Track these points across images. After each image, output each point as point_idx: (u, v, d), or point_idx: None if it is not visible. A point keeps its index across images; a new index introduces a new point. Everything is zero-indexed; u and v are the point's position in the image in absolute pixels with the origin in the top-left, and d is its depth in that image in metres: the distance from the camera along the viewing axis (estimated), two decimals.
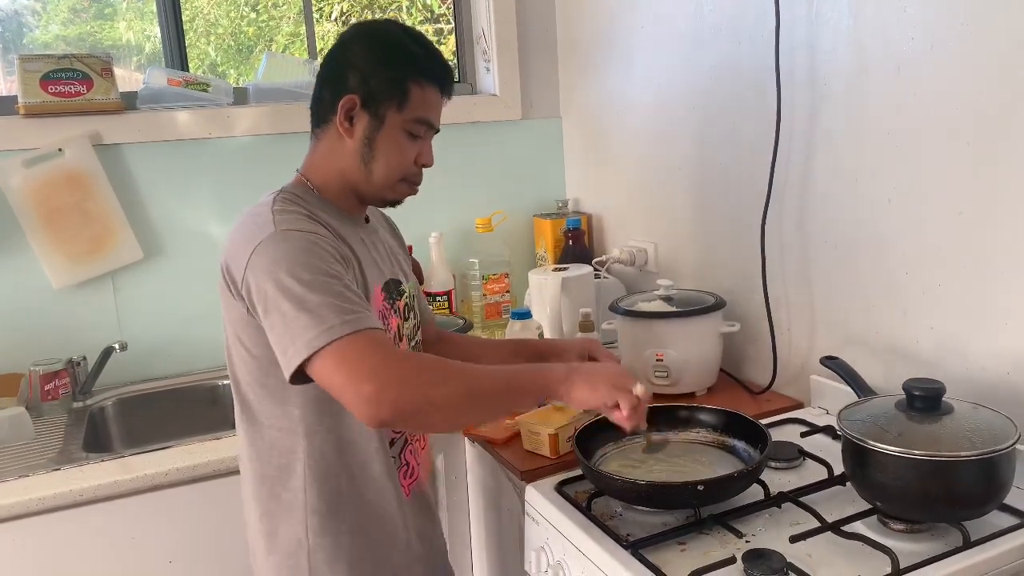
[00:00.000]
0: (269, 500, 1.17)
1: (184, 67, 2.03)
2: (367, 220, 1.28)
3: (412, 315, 1.30)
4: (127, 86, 1.93)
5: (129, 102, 1.90)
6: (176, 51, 2.03)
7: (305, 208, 1.13)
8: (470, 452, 1.64)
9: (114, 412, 1.86)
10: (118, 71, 1.87)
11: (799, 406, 1.57)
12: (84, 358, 1.85)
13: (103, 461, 1.50)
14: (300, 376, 1.02)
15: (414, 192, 1.24)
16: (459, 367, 1.07)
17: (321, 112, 1.19)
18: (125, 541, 1.45)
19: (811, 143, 1.48)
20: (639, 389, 1.10)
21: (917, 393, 1.08)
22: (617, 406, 1.09)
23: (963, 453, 1.00)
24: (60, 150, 1.81)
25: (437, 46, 1.22)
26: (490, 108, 2.24)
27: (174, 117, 1.91)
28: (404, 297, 1.27)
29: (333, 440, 1.16)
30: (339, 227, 1.15)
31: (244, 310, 1.10)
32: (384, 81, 1.14)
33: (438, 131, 1.23)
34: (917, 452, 1.01)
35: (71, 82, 1.77)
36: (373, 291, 1.17)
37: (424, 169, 1.22)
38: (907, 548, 1.03)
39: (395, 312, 1.23)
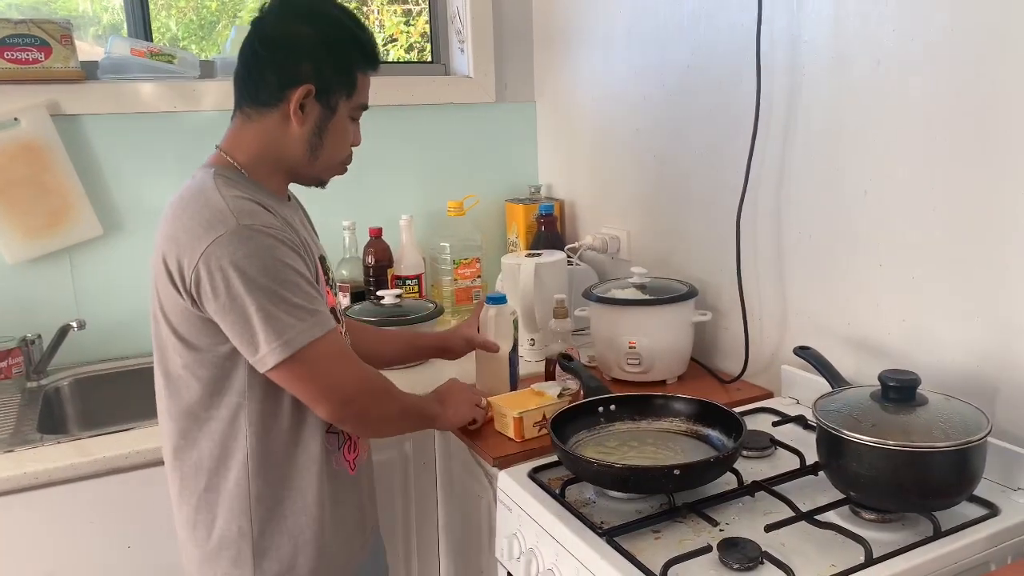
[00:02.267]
0: (207, 491, 1.15)
1: (148, 37, 1.96)
2: (289, 198, 1.27)
3: (336, 286, 1.37)
4: (85, 58, 1.86)
5: (89, 72, 1.83)
6: (140, 20, 1.95)
7: (246, 193, 1.11)
8: (439, 438, 1.61)
9: (70, 392, 1.80)
10: (87, 46, 1.79)
11: (769, 396, 1.58)
12: (39, 336, 1.78)
13: (59, 443, 1.45)
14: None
15: (344, 171, 1.27)
16: (395, 388, 1.23)
17: (260, 94, 1.15)
18: (82, 526, 1.40)
19: (788, 133, 1.48)
20: (483, 403, 1.42)
21: (892, 384, 1.08)
22: (473, 420, 1.39)
23: (937, 444, 1.01)
24: (16, 119, 1.73)
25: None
26: (463, 90, 2.21)
27: (137, 89, 1.84)
28: (329, 273, 1.28)
29: (274, 427, 1.14)
30: (278, 210, 1.14)
31: (188, 304, 1.07)
32: (337, 71, 1.16)
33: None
34: (891, 442, 1.02)
35: (28, 48, 1.70)
36: (318, 272, 1.18)
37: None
38: (879, 537, 1.03)
39: (331, 288, 1.26)
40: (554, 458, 1.27)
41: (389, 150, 2.13)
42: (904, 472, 1.02)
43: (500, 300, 1.55)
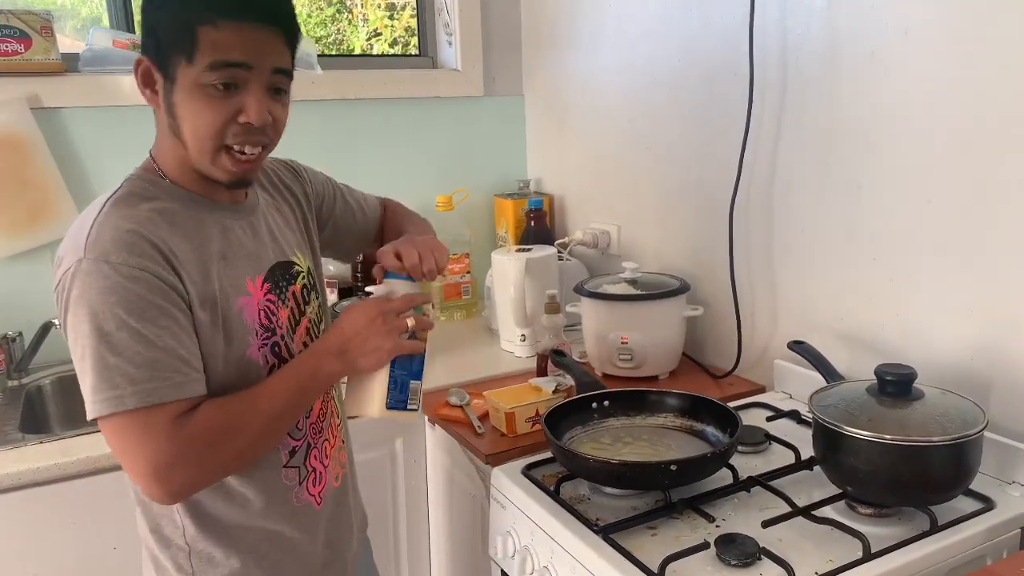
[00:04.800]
0: (152, 525, 1.05)
1: (131, 29, 1.92)
2: (246, 196, 1.08)
3: (314, 296, 1.15)
4: (65, 51, 1.82)
5: (70, 65, 1.79)
6: (122, 11, 1.92)
7: (147, 206, 0.95)
8: (430, 436, 1.60)
9: (52, 391, 1.77)
10: (69, 40, 1.75)
11: (761, 390, 1.57)
12: (20, 334, 1.75)
13: (42, 443, 1.42)
14: None
15: (239, 165, 0.98)
16: (238, 411, 0.97)
17: None
18: (66, 527, 1.37)
19: (781, 126, 1.47)
20: (411, 323, 1.07)
21: (889, 378, 1.08)
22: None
23: (934, 438, 1.00)
24: None
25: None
26: (451, 83, 2.19)
27: (120, 81, 1.81)
28: (300, 279, 1.11)
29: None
30: (195, 220, 0.99)
31: None
32: (168, 30, 0.93)
33: (283, 72, 0.97)
34: (888, 437, 1.02)
35: (7, 40, 1.66)
36: (247, 286, 1.02)
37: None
38: (877, 532, 1.03)
39: (284, 302, 1.07)
40: (548, 454, 1.26)
41: (376, 144, 2.11)
42: (901, 466, 1.02)
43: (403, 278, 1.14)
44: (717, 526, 1.07)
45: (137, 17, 1.99)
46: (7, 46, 1.66)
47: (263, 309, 1.04)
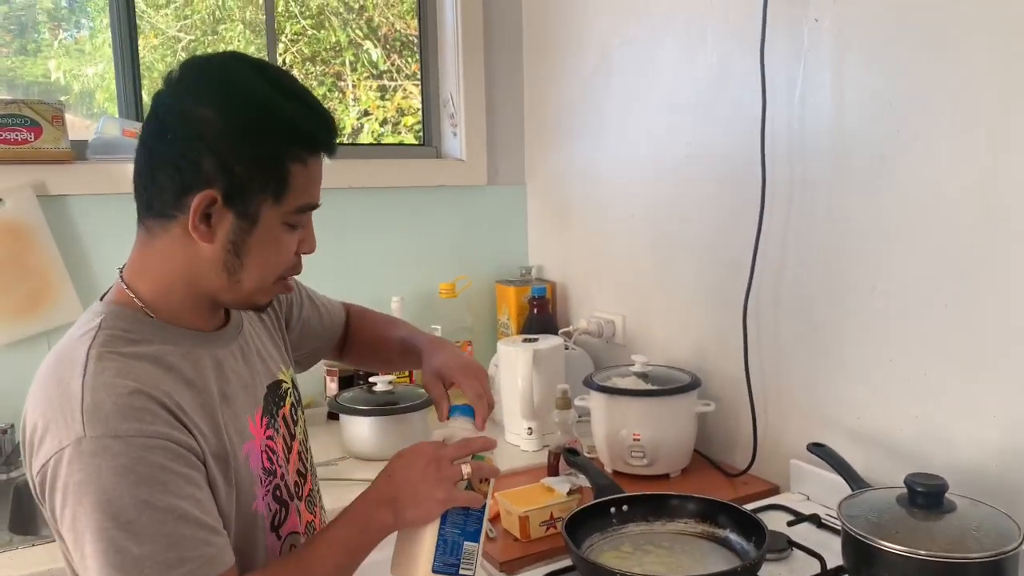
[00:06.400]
0: None
1: (139, 117, 1.93)
2: (228, 319, 0.99)
3: (300, 412, 1.09)
4: (76, 134, 1.82)
5: (79, 151, 1.79)
6: (131, 99, 1.93)
7: (134, 351, 0.84)
8: None
9: None
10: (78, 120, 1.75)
11: (776, 490, 1.54)
12: (11, 425, 1.69)
13: (33, 545, 1.35)
14: None
15: (289, 290, 0.98)
16: (290, 565, 0.90)
17: (155, 202, 0.87)
18: None
19: (792, 226, 1.49)
20: (466, 470, 0.96)
21: (920, 489, 1.06)
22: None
23: (972, 555, 0.98)
24: (0, 200, 1.68)
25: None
26: (456, 173, 2.21)
27: (126, 169, 1.77)
28: (288, 397, 1.05)
29: None
30: (189, 360, 0.89)
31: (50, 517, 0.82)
32: (253, 165, 0.84)
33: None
34: (923, 552, 0.99)
35: (18, 128, 1.65)
36: (250, 428, 0.94)
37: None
38: None
39: (277, 431, 1.00)
40: (565, 562, 1.21)
41: (380, 231, 2.11)
42: None
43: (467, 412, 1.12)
44: None
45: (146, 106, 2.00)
46: (17, 135, 1.66)
47: (265, 450, 0.95)
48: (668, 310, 1.82)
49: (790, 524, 1.34)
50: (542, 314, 2.12)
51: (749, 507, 1.39)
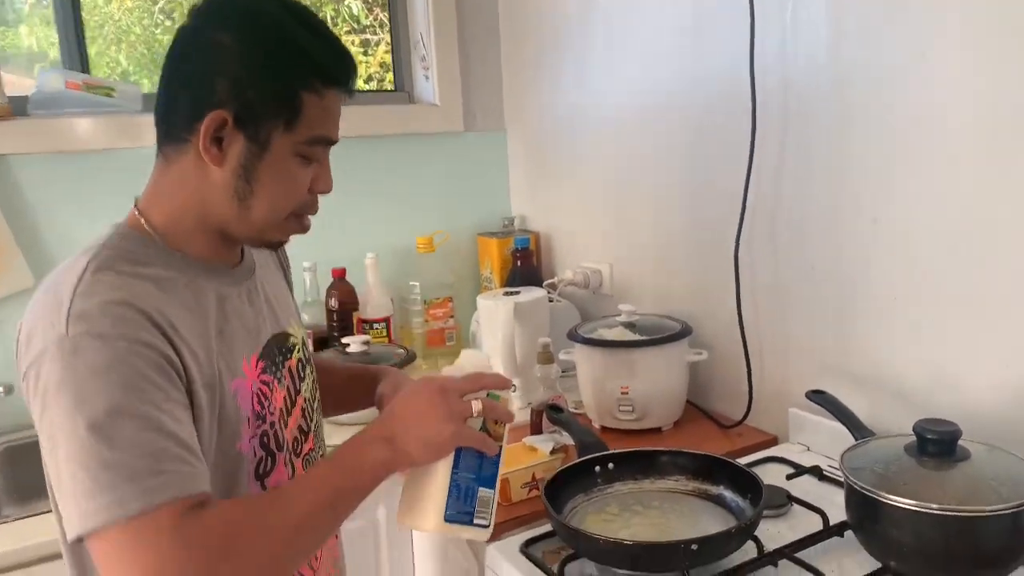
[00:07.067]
0: None
1: (85, 69, 1.80)
2: (242, 255, 0.97)
3: (309, 371, 1.03)
4: (16, 92, 1.70)
5: (19, 107, 1.67)
6: (75, 51, 1.80)
7: (137, 271, 0.83)
8: None
9: (1, 463, 1.61)
10: (17, 79, 1.63)
11: (774, 441, 1.46)
12: None
13: (28, 517, 1.27)
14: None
15: (304, 229, 0.95)
16: (262, 510, 0.81)
17: (172, 127, 0.87)
18: None
19: (786, 158, 1.37)
20: (477, 407, 0.88)
21: (930, 436, 0.96)
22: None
23: (990, 507, 0.89)
24: None
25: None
26: (430, 118, 2.08)
27: (72, 125, 1.68)
28: (296, 352, 0.99)
29: None
30: (192, 289, 0.86)
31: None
32: (268, 92, 0.84)
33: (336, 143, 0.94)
34: (936, 506, 0.90)
35: None
36: (243, 366, 0.89)
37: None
38: None
39: (280, 381, 0.95)
40: (549, 526, 1.13)
41: (351, 184, 1.97)
42: (955, 540, 0.90)
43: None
44: None
45: (104, 60, 1.87)
46: None
47: (256, 393, 0.90)
48: (657, 257, 1.72)
49: (789, 477, 1.25)
50: (526, 266, 2.02)
51: (746, 460, 1.31)
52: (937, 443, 0.96)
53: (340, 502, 0.84)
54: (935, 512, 0.90)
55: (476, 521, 0.88)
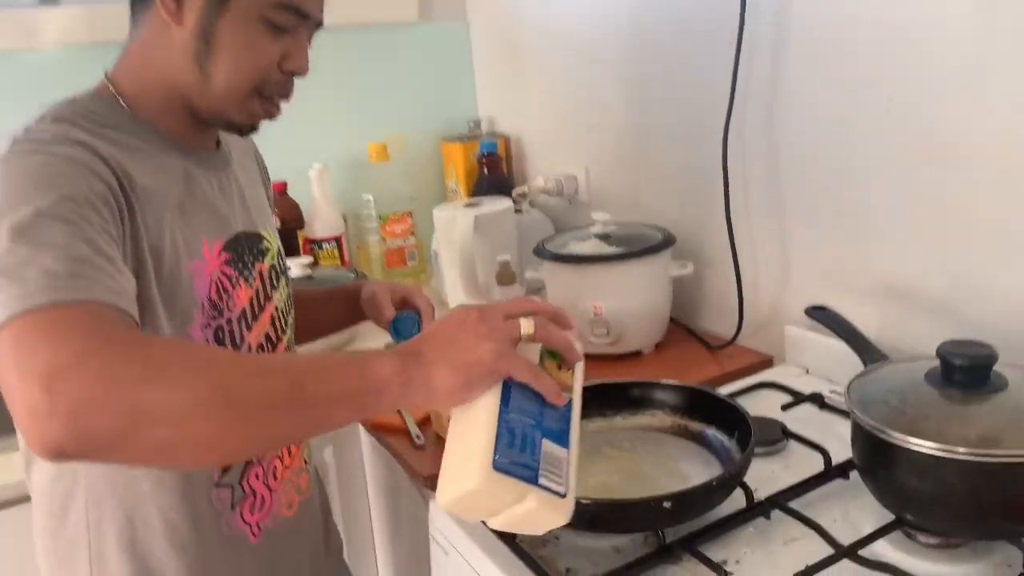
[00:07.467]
0: (53, 542, 0.86)
1: None
2: (218, 146, 0.92)
3: (284, 282, 0.96)
4: None
5: None
6: None
7: (95, 128, 0.77)
8: (366, 444, 1.30)
9: None
10: None
11: (769, 363, 1.29)
12: None
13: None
14: None
15: (272, 114, 0.87)
16: (207, 353, 0.70)
17: None
18: None
19: (783, 32, 1.15)
20: (527, 327, 0.69)
21: (959, 363, 0.78)
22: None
23: None
24: None
25: None
26: (379, 6, 1.83)
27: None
28: (269, 257, 0.93)
29: (124, 477, 0.82)
30: (155, 160, 0.81)
31: None
32: None
33: (320, 25, 0.86)
34: (964, 450, 0.72)
35: None
36: (203, 250, 0.83)
37: (296, 81, 0.86)
38: (947, 573, 0.75)
39: (248, 281, 0.89)
40: None
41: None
42: (984, 490, 0.73)
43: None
44: (729, 572, 0.79)
45: None
46: None
47: (216, 283, 0.84)
48: (639, 158, 1.51)
49: (785, 408, 1.08)
50: (495, 174, 1.81)
51: (736, 386, 1.16)
52: (967, 370, 0.78)
53: (309, 399, 0.63)
54: (962, 458, 0.72)
55: (543, 481, 0.63)
